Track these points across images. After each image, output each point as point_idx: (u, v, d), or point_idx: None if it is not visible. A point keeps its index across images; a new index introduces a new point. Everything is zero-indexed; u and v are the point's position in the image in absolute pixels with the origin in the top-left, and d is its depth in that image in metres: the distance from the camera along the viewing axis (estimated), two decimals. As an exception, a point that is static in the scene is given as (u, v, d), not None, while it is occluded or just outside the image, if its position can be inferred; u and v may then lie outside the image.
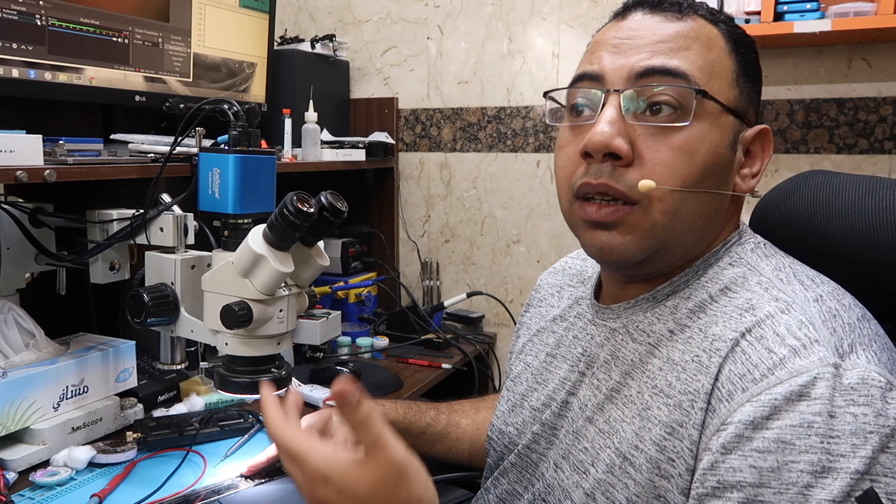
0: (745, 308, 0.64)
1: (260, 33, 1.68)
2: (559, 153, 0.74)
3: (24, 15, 1.14)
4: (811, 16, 1.46)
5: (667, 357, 0.67)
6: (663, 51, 0.68)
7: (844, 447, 0.53)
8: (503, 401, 0.90)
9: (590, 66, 0.72)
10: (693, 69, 0.67)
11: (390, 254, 2.11)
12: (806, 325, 0.60)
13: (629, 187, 0.66)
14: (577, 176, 0.70)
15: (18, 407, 1.06)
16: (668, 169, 0.66)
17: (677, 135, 0.66)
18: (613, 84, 0.69)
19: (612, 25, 0.73)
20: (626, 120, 0.67)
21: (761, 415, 0.56)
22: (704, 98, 0.66)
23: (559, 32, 1.89)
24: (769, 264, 0.69)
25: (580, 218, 0.70)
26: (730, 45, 0.70)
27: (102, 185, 1.14)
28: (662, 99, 0.66)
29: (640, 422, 0.66)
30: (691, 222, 0.68)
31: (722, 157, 0.68)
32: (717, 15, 0.72)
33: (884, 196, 0.72)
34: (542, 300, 0.94)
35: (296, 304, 0.99)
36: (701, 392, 0.62)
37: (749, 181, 0.72)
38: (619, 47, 0.70)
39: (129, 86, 1.36)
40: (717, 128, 0.68)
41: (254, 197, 1.00)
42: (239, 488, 1.00)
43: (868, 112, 1.62)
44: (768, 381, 0.57)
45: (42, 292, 1.27)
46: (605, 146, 0.66)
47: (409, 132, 2.10)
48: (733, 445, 0.57)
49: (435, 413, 1.06)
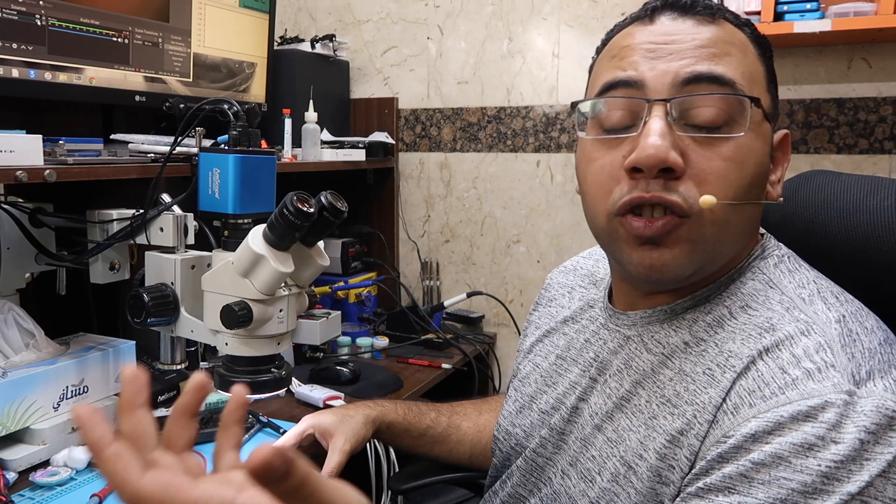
0: (765, 328, 0.62)
1: (260, 33, 1.68)
2: (589, 167, 0.69)
3: (24, 15, 1.14)
4: (811, 16, 1.46)
5: (679, 368, 0.66)
6: (706, 56, 0.64)
7: (842, 473, 0.53)
8: (510, 401, 0.89)
9: (624, 72, 0.66)
10: (737, 75, 0.64)
11: (390, 254, 2.11)
12: (824, 349, 0.58)
13: (684, 199, 0.62)
14: (620, 192, 0.65)
15: (18, 407, 1.06)
16: (721, 180, 0.63)
17: (726, 145, 0.63)
18: (657, 92, 0.64)
19: (639, 28, 0.68)
20: (675, 130, 0.63)
21: (763, 430, 0.56)
22: (754, 106, 0.64)
23: (559, 32, 1.89)
24: (792, 280, 0.67)
25: (626, 233, 0.65)
26: (757, 49, 0.68)
27: (102, 185, 1.14)
28: (711, 106, 0.63)
29: (645, 430, 0.66)
30: (738, 234, 0.66)
31: (764, 165, 0.67)
32: (740, 18, 0.69)
33: (885, 196, 0.71)
34: (551, 299, 0.93)
35: (296, 304, 0.99)
36: (709, 405, 0.61)
37: (776, 187, 0.71)
38: (656, 52, 0.65)
39: (129, 86, 1.35)
40: (761, 136, 0.66)
41: (254, 197, 1.00)
42: (239, 488, 1.00)
43: (868, 112, 1.62)
44: (777, 400, 0.56)
45: (42, 292, 1.27)
46: (661, 161, 0.61)
47: (409, 132, 2.10)
48: (730, 455, 0.57)
49: (435, 415, 1.06)
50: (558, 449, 0.77)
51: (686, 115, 0.64)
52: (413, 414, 1.04)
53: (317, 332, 1.53)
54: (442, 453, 1.05)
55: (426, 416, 1.05)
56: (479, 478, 1.00)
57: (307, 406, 1.36)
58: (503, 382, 1.94)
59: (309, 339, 1.55)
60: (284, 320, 0.96)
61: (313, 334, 1.54)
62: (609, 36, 0.73)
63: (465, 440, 1.04)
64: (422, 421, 1.04)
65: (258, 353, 0.97)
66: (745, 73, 0.65)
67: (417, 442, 1.04)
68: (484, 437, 1.03)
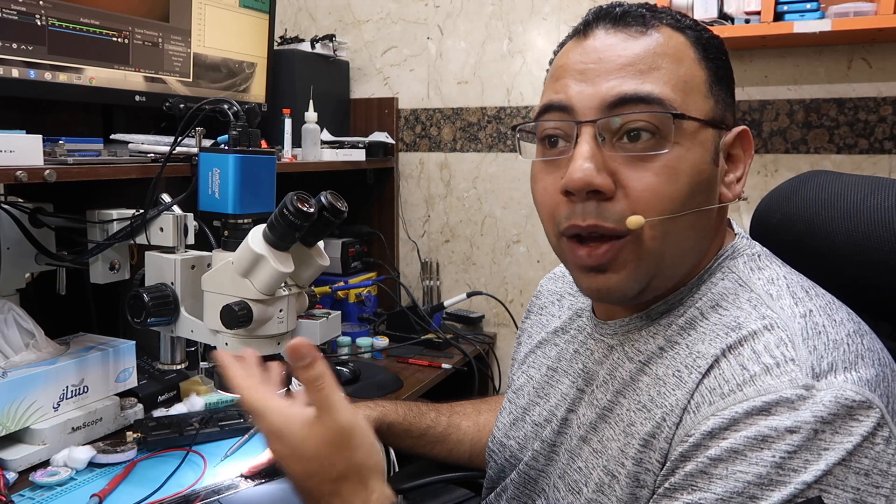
0: (732, 326, 0.63)
1: (260, 33, 1.68)
2: (536, 186, 0.71)
3: (24, 15, 1.14)
4: (811, 16, 1.46)
5: (654, 373, 0.67)
6: (633, 74, 0.64)
7: (797, 462, 0.53)
8: (505, 412, 0.89)
9: (555, 95, 0.68)
10: (666, 90, 0.64)
11: (390, 254, 2.11)
12: (785, 343, 0.59)
13: (618, 221, 0.64)
14: (562, 214, 0.67)
15: (18, 407, 1.06)
16: (654, 195, 0.63)
17: (658, 159, 0.64)
18: (584, 115, 0.65)
19: (575, 46, 0.69)
20: (604, 151, 0.64)
21: (720, 426, 0.56)
22: (682, 120, 0.64)
23: (559, 32, 1.88)
24: (761, 277, 0.67)
25: (573, 262, 0.68)
26: (699, 52, 0.67)
27: (102, 185, 1.14)
28: (639, 125, 0.63)
29: (624, 438, 0.66)
30: (682, 244, 0.66)
31: (706, 172, 0.66)
32: (681, 21, 0.68)
33: (886, 196, 0.71)
34: (542, 307, 0.93)
35: (296, 304, 0.99)
36: (676, 407, 0.62)
37: (734, 187, 0.70)
38: (585, 73, 0.66)
39: (129, 86, 1.35)
40: (698, 144, 0.65)
41: (254, 197, 1.00)
42: (239, 488, 1.00)
43: (868, 112, 1.62)
44: (735, 397, 0.57)
45: (42, 292, 1.27)
46: (587, 185, 0.63)
47: (409, 132, 2.10)
48: (690, 454, 0.58)
49: (435, 415, 1.06)
50: (550, 461, 0.78)
51: (616, 135, 0.64)
52: (413, 414, 1.05)
53: (317, 332, 1.53)
54: (442, 453, 1.05)
55: (426, 416, 1.05)
56: (479, 477, 1.00)
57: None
58: (503, 382, 1.94)
59: (309, 339, 1.55)
60: (284, 320, 0.96)
61: (313, 334, 1.54)
62: (555, 51, 0.74)
63: (466, 440, 1.04)
64: (422, 421, 1.04)
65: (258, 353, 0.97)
66: (678, 85, 0.65)
67: (418, 442, 1.04)
68: (484, 436, 1.03)
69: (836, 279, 0.69)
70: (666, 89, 0.64)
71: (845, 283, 0.69)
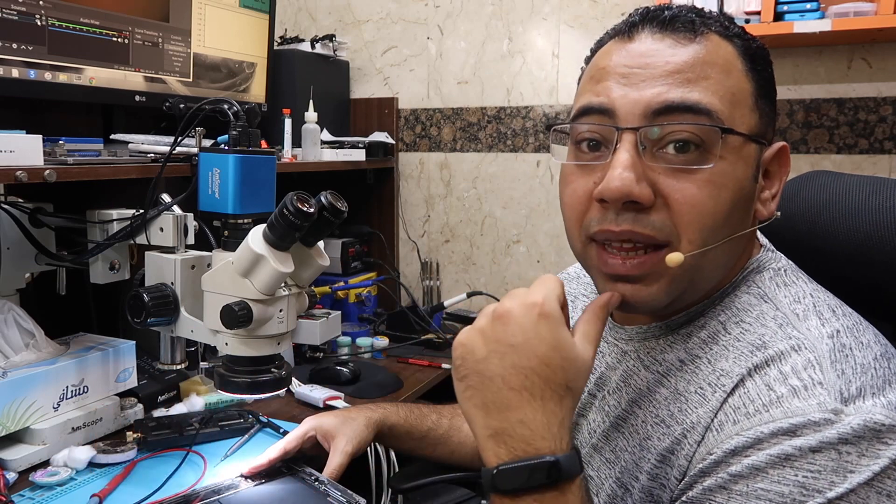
0: (757, 345, 0.61)
1: (260, 33, 1.68)
2: (565, 189, 0.68)
3: (24, 15, 1.14)
4: (811, 16, 1.46)
5: (674, 387, 0.66)
6: (680, 82, 0.61)
7: (822, 483, 0.52)
8: None
9: (596, 97, 0.64)
10: (714, 101, 0.61)
11: (390, 254, 2.11)
12: (813, 366, 0.57)
13: (658, 229, 0.61)
14: (592, 219, 0.64)
15: (18, 407, 1.06)
16: (695, 209, 0.61)
17: (701, 172, 0.61)
18: (627, 121, 0.62)
19: (617, 47, 0.66)
20: (644, 160, 0.61)
21: (744, 445, 0.55)
22: (730, 134, 0.61)
23: (559, 32, 1.88)
24: (788, 295, 0.65)
25: (599, 264, 0.65)
26: (746, 63, 0.64)
27: (102, 185, 1.14)
28: (683, 136, 0.61)
29: (640, 451, 0.66)
30: (719, 261, 0.64)
31: (746, 189, 0.64)
32: (730, 28, 0.65)
33: (888, 196, 0.71)
34: None
35: (296, 304, 0.99)
36: (699, 425, 0.61)
37: (769, 204, 0.68)
38: (629, 77, 0.63)
39: (129, 86, 1.35)
40: (742, 160, 0.63)
41: (254, 197, 1.00)
42: (239, 488, 1.00)
43: (868, 112, 1.62)
44: (761, 418, 0.56)
45: (42, 292, 1.27)
46: (625, 195, 0.60)
47: (409, 132, 2.10)
48: (711, 469, 0.57)
49: (437, 417, 1.06)
50: None
51: (658, 144, 0.62)
52: (414, 416, 1.04)
53: (317, 332, 1.53)
54: (444, 455, 1.04)
55: (427, 418, 1.05)
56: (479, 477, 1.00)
57: (307, 406, 1.36)
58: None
59: (309, 339, 1.55)
60: (284, 320, 0.96)
61: (313, 334, 1.54)
62: (593, 50, 0.71)
63: (467, 441, 1.04)
64: (423, 423, 1.04)
65: (258, 353, 0.97)
66: (726, 96, 0.62)
67: (419, 444, 1.04)
68: (485, 437, 1.03)
69: (837, 279, 0.69)
70: (714, 100, 0.61)
71: (847, 284, 0.69)
